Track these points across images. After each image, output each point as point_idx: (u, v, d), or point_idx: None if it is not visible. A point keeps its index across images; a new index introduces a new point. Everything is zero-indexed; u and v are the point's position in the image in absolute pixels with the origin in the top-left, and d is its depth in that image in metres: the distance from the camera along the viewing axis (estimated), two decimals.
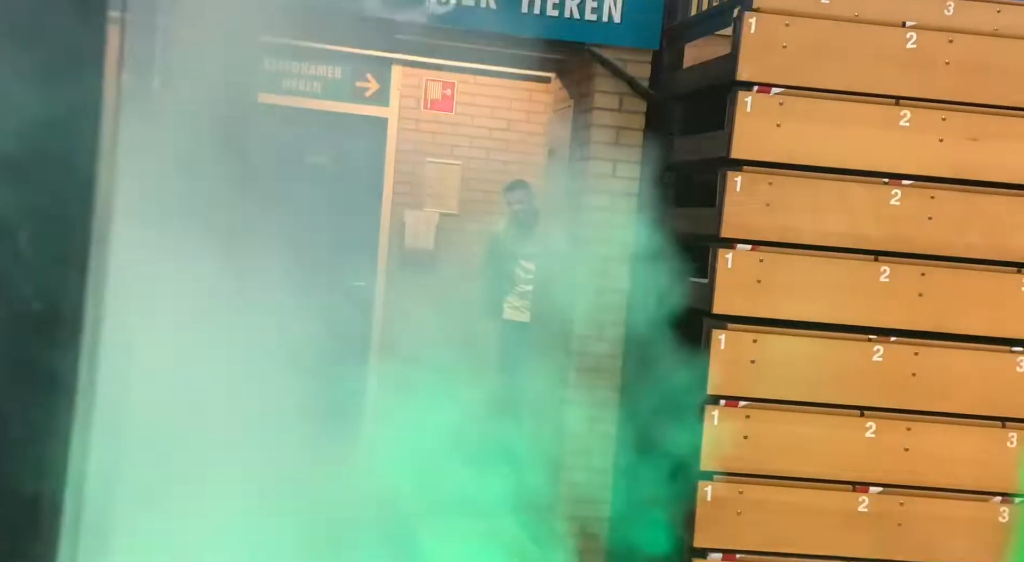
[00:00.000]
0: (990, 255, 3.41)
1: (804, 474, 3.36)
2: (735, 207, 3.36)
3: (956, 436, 3.39)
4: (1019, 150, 3.40)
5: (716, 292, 3.36)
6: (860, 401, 3.38)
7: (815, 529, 3.35)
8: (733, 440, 3.34)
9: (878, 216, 3.39)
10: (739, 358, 3.35)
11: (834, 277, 3.39)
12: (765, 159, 3.37)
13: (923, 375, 3.38)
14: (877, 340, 3.39)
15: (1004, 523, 3.40)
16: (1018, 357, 3.40)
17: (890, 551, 3.37)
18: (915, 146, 3.38)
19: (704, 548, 3.32)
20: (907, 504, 3.37)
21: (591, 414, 3.96)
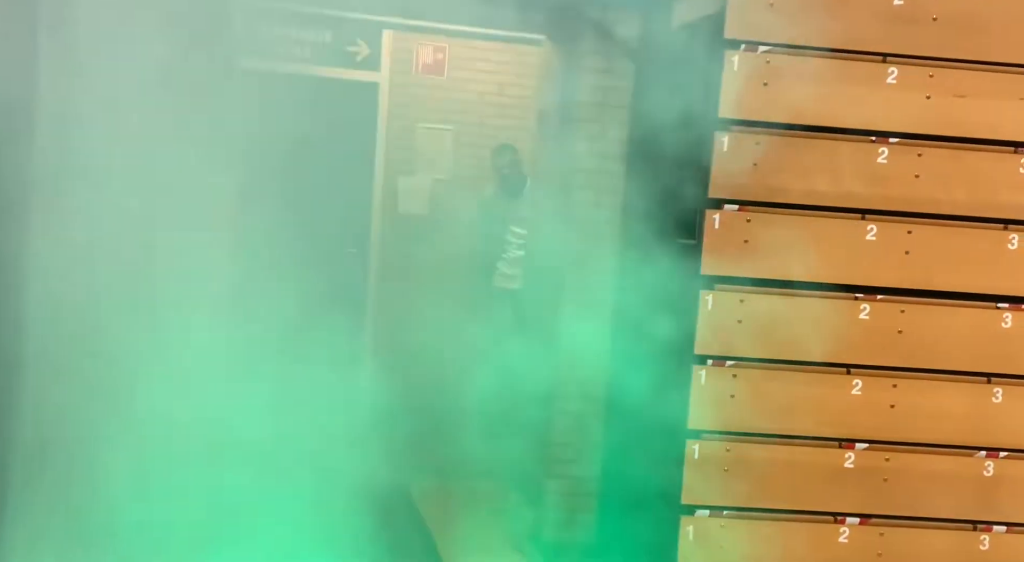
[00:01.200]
0: (977, 212, 3.41)
1: (790, 431, 3.39)
2: (722, 167, 3.36)
3: (942, 392, 3.42)
4: (1007, 107, 3.39)
5: (704, 253, 3.37)
6: (846, 359, 3.40)
7: (801, 485, 3.39)
8: (720, 399, 3.37)
9: (865, 175, 3.38)
10: (726, 318, 3.37)
11: (821, 236, 3.39)
12: (752, 118, 3.36)
13: (909, 332, 3.40)
14: (864, 298, 3.40)
15: (989, 477, 3.44)
16: (1004, 313, 3.42)
17: (876, 506, 3.41)
18: (902, 103, 3.37)
19: (691, 505, 3.36)
20: (893, 460, 3.41)
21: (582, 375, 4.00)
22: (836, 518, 3.41)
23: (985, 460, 3.44)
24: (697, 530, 3.36)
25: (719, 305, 3.37)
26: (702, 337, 3.36)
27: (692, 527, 3.36)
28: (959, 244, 3.42)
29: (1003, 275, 3.42)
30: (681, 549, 3.34)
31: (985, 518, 3.45)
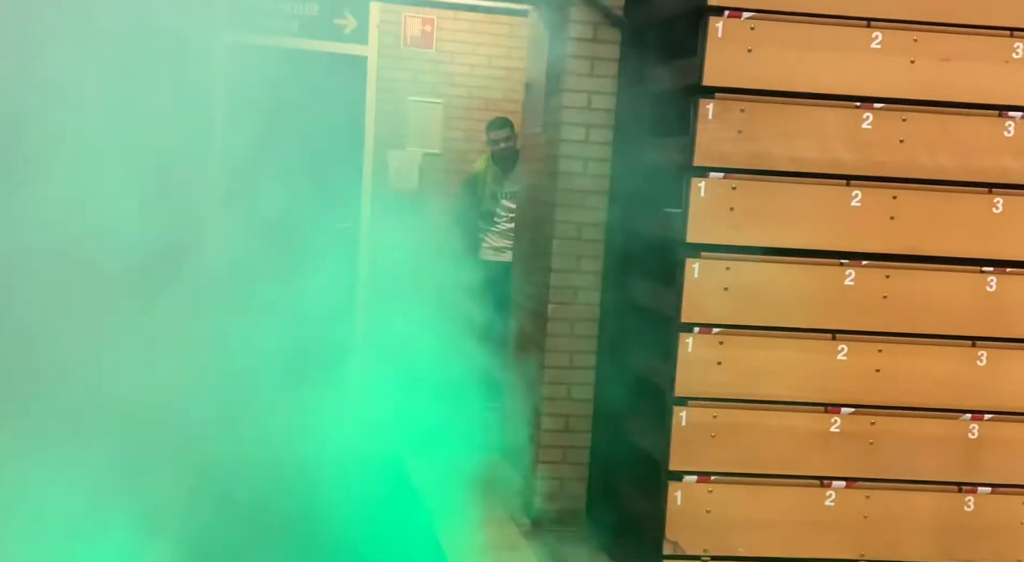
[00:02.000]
0: (961, 176, 3.42)
1: (777, 397, 3.41)
2: (707, 135, 3.36)
3: (927, 356, 3.44)
4: (990, 70, 3.38)
5: (689, 221, 3.38)
6: (832, 325, 3.42)
7: (787, 450, 3.42)
8: (707, 366, 3.39)
9: (849, 140, 3.39)
10: (712, 286, 3.38)
11: (806, 203, 3.40)
12: (737, 85, 3.35)
13: (894, 297, 3.42)
14: (849, 264, 3.42)
15: (973, 440, 3.47)
16: (988, 277, 3.43)
17: (861, 469, 3.45)
18: (886, 68, 3.36)
19: (679, 471, 3.39)
20: (878, 423, 3.44)
21: (571, 346, 4.01)
22: (822, 482, 3.45)
23: (970, 423, 3.47)
24: (685, 495, 3.39)
25: (705, 273, 3.38)
26: (688, 305, 3.38)
27: (680, 492, 3.40)
28: (944, 209, 3.43)
29: (988, 239, 3.44)
30: (669, 514, 3.38)
31: (970, 480, 3.49)
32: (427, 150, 6.19)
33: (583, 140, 3.98)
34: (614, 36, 3.96)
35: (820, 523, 3.44)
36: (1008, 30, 3.37)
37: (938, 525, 3.49)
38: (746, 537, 3.42)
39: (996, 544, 3.50)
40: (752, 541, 3.42)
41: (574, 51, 3.95)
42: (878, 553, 3.48)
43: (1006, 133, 3.40)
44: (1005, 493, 3.50)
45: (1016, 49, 3.36)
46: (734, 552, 3.42)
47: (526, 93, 4.68)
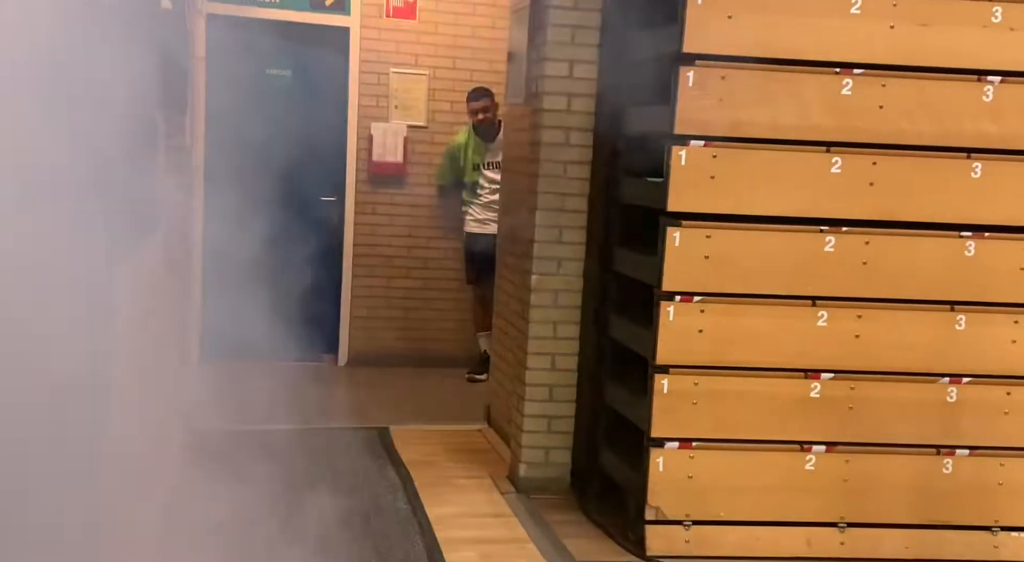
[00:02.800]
0: (940, 141, 3.43)
1: (758, 364, 3.44)
2: (688, 103, 3.36)
3: (906, 321, 3.47)
4: (969, 35, 3.38)
5: (670, 189, 3.38)
6: (812, 291, 3.44)
7: (768, 415, 3.45)
8: (688, 334, 3.41)
9: (829, 107, 3.39)
10: (693, 254, 3.39)
11: (786, 170, 3.41)
12: (717, 53, 3.34)
13: (874, 263, 3.44)
14: (829, 231, 3.43)
15: (952, 403, 3.51)
16: (967, 241, 3.45)
17: (841, 434, 3.48)
18: (866, 34, 3.36)
19: (661, 438, 3.43)
20: (857, 388, 3.47)
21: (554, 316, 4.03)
22: (803, 446, 3.49)
23: (948, 386, 3.51)
24: (667, 462, 3.43)
25: (686, 241, 3.39)
26: (669, 273, 3.39)
27: (662, 459, 3.43)
28: (923, 174, 3.44)
29: (966, 204, 3.46)
30: (651, 480, 3.41)
31: (948, 443, 3.53)
32: (412, 122, 6.16)
33: (565, 109, 3.97)
34: (595, 4, 3.94)
35: (800, 487, 3.49)
36: None
37: (917, 488, 3.54)
38: (727, 502, 3.46)
39: (974, 505, 3.55)
40: (733, 505, 3.46)
41: (555, 19, 3.93)
42: (858, 516, 3.53)
43: (985, 98, 3.40)
44: (982, 455, 3.54)
45: (995, 13, 3.36)
46: (716, 516, 3.46)
47: (508, 63, 4.66)
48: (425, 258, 6.25)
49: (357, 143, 6.10)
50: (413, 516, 3.72)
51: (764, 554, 3.46)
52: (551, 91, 3.96)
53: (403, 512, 3.75)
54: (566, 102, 3.98)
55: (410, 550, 3.40)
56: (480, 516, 3.79)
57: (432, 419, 5.09)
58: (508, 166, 4.82)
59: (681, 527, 3.44)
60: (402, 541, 3.47)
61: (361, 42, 6.04)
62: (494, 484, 4.13)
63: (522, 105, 4.36)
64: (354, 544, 3.42)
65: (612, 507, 3.79)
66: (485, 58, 6.16)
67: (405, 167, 6.13)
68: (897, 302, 3.46)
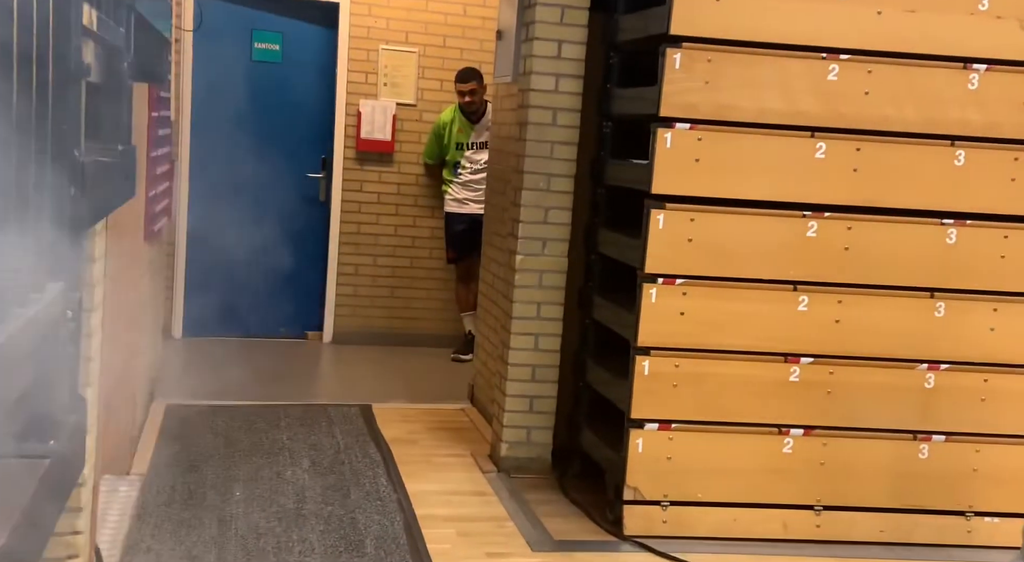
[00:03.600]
0: (925, 129, 3.43)
1: (738, 347, 3.46)
2: (674, 85, 3.35)
3: (886, 307, 3.49)
4: (956, 22, 3.38)
5: (655, 172, 3.38)
6: (794, 276, 3.45)
7: (747, 398, 3.47)
8: (670, 317, 3.42)
9: (815, 92, 3.39)
10: (677, 237, 3.40)
11: (771, 154, 3.41)
12: (704, 35, 3.34)
13: (856, 249, 3.45)
14: (812, 216, 3.44)
15: (929, 389, 3.54)
16: (948, 229, 3.47)
17: (819, 417, 3.51)
18: (853, 19, 3.35)
19: (641, 419, 3.44)
20: (836, 373, 3.49)
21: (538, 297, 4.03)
22: (781, 429, 3.51)
23: (926, 372, 3.54)
24: (646, 443, 3.45)
25: (670, 224, 3.40)
26: (653, 255, 3.40)
27: (641, 440, 3.45)
28: (907, 161, 3.45)
29: (949, 191, 3.47)
30: (630, 461, 3.44)
31: (924, 428, 3.56)
32: (401, 100, 6.13)
33: (552, 90, 3.96)
34: None
35: (778, 470, 3.51)
36: None
37: (893, 472, 3.57)
38: (705, 483, 3.49)
39: (948, 491, 3.59)
40: (711, 487, 3.49)
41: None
42: (834, 499, 3.56)
43: (970, 86, 3.41)
44: (958, 441, 3.57)
45: (981, 1, 3.35)
46: (693, 498, 3.49)
47: (497, 40, 4.64)
48: (412, 237, 6.25)
49: (345, 120, 6.08)
50: (393, 493, 3.73)
51: (740, 535, 3.49)
52: (539, 71, 3.94)
53: (383, 488, 3.77)
54: (554, 82, 3.97)
55: (388, 526, 3.42)
56: (460, 494, 3.81)
57: (415, 397, 5.10)
58: (495, 145, 4.81)
59: (659, 508, 3.47)
60: (381, 517, 3.49)
61: (351, 18, 6.00)
62: (475, 463, 4.15)
63: (510, 84, 4.35)
64: (333, 519, 3.44)
65: (591, 487, 3.81)
66: (475, 37, 6.13)
67: (393, 145, 6.11)
68: (878, 288, 3.48)
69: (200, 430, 4.34)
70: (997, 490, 3.59)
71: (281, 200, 6.15)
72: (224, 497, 3.60)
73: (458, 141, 5.82)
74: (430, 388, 5.33)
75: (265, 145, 6.06)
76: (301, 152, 6.15)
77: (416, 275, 6.21)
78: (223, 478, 3.79)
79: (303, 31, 6.07)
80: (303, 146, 6.15)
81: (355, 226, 6.20)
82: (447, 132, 5.86)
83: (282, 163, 6.11)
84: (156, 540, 3.20)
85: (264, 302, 6.17)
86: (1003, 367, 3.53)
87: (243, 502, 3.56)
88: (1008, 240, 3.48)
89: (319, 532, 3.34)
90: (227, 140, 6.00)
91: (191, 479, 3.76)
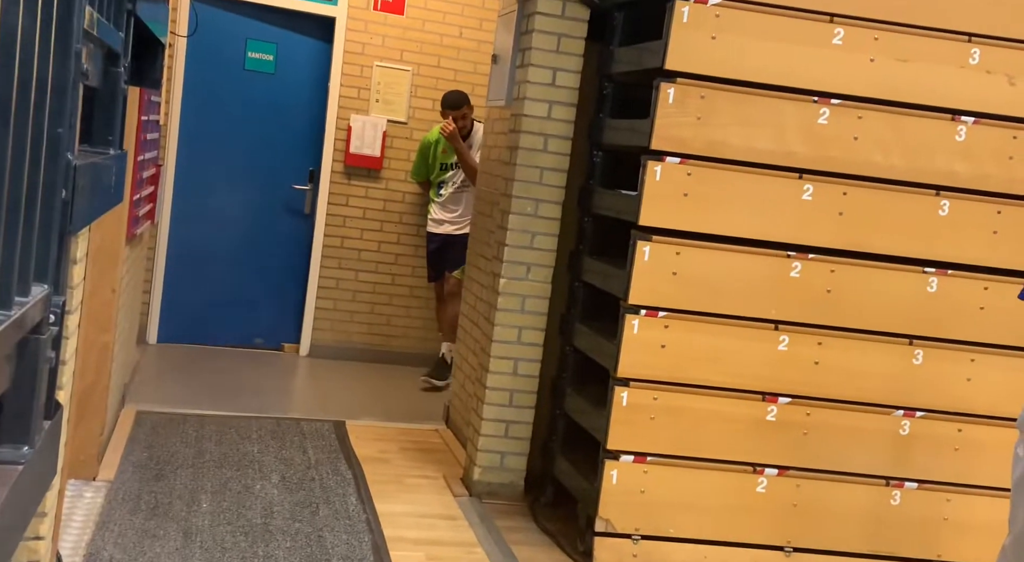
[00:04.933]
0: (911, 177, 3.47)
1: (717, 383, 3.46)
2: (666, 119, 3.37)
3: (865, 351, 3.51)
4: (946, 74, 3.43)
5: (643, 204, 3.40)
6: (775, 315, 3.47)
7: (724, 435, 3.47)
8: (651, 349, 3.42)
9: (805, 134, 3.42)
10: (662, 270, 3.41)
11: (759, 193, 3.43)
12: (699, 72, 3.36)
13: (837, 292, 3.48)
14: (796, 256, 3.46)
15: (904, 436, 3.55)
16: (929, 277, 3.50)
17: (793, 458, 3.51)
18: (846, 65, 3.40)
19: (617, 450, 3.43)
20: (813, 414, 3.50)
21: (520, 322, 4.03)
22: (755, 468, 3.51)
23: (902, 419, 3.55)
24: (621, 475, 3.43)
25: (655, 256, 3.41)
26: (637, 287, 3.40)
27: (616, 471, 3.44)
28: (892, 208, 3.48)
29: (932, 240, 3.50)
30: (604, 492, 3.42)
31: (897, 475, 3.58)
32: (392, 117, 6.14)
33: (545, 117, 3.98)
34: (582, 14, 3.95)
35: (750, 509, 3.51)
36: (966, 35, 3.42)
37: (864, 517, 3.57)
38: (677, 519, 3.47)
39: (919, 538, 3.60)
40: (683, 523, 3.48)
41: (541, 26, 3.93)
42: (804, 541, 3.56)
43: (957, 137, 3.46)
44: (930, 489, 3.59)
45: (972, 54, 3.41)
46: (665, 533, 3.47)
47: (492, 64, 4.66)
48: (395, 254, 6.23)
49: (335, 133, 6.07)
50: (363, 512, 3.69)
51: None
52: (532, 97, 3.96)
53: (353, 507, 3.73)
54: (547, 109, 3.98)
55: (356, 546, 3.38)
56: (430, 517, 3.78)
57: (390, 416, 5.07)
58: (484, 168, 4.82)
59: (630, 541, 3.45)
60: (349, 536, 3.45)
61: (347, 33, 6.02)
62: (447, 485, 4.12)
63: (503, 108, 4.36)
64: (300, 536, 3.39)
65: (563, 516, 3.79)
66: (470, 59, 6.16)
67: (382, 161, 6.11)
68: (858, 332, 3.50)
69: (170, 438, 4.28)
70: (966, 539, 3.60)
71: (266, 210, 6.12)
72: (190, 508, 3.54)
73: (442, 161, 5.77)
74: (405, 407, 5.29)
75: (253, 154, 6.04)
76: (289, 163, 6.13)
77: (397, 292, 6.19)
78: (190, 488, 3.73)
79: (298, 43, 6.07)
80: (291, 157, 6.14)
81: (339, 240, 6.17)
82: (431, 152, 5.81)
83: (269, 173, 6.09)
84: (119, 549, 3.14)
85: (242, 312, 6.13)
86: (978, 418, 3.56)
87: (209, 514, 3.51)
88: (988, 292, 3.51)
89: (285, 549, 3.29)
90: (215, 147, 5.97)
91: (158, 488, 3.70)
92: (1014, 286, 3.48)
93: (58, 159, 1.27)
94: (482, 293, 4.37)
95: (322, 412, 5.03)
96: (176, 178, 5.91)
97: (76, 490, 3.51)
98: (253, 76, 6.01)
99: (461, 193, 5.67)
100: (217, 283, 6.07)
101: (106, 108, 1.88)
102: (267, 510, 3.61)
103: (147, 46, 2.81)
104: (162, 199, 5.67)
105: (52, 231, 1.29)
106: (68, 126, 1.30)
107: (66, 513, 3.23)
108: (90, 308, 3.42)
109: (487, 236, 4.49)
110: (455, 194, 5.69)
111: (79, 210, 1.44)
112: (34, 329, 1.25)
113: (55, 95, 1.22)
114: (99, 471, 3.73)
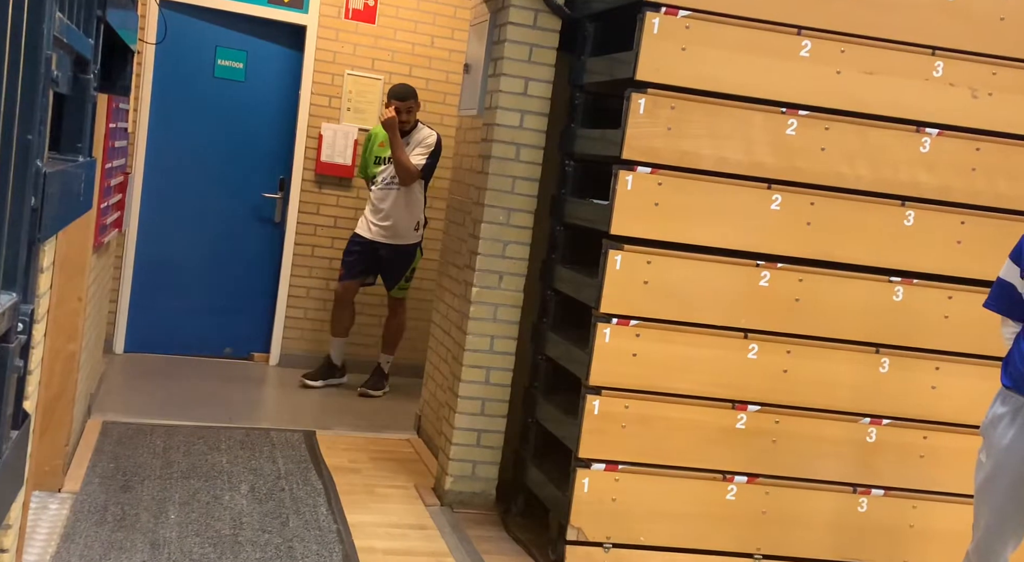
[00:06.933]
0: (877, 188, 3.53)
1: (687, 391, 3.48)
2: (637, 129, 3.40)
3: (832, 360, 3.55)
4: (911, 87, 3.50)
5: (615, 213, 3.42)
6: (744, 324, 3.50)
7: (694, 443, 3.49)
8: (623, 357, 3.44)
9: (774, 145, 3.46)
10: (633, 279, 3.43)
11: (728, 203, 3.47)
12: (669, 82, 3.40)
13: (806, 301, 3.52)
14: (765, 266, 3.50)
15: (871, 443, 3.60)
16: (896, 286, 3.55)
17: (763, 466, 3.54)
18: (813, 77, 3.45)
19: (588, 459, 3.44)
20: (782, 422, 3.54)
21: (492, 330, 4.03)
22: (725, 476, 3.54)
23: (868, 426, 3.60)
24: (592, 483, 3.44)
25: (627, 265, 3.43)
26: (608, 296, 3.42)
27: (588, 480, 3.45)
28: (858, 218, 3.53)
29: (898, 250, 3.56)
30: (575, 501, 3.43)
31: (864, 482, 3.62)
32: (363, 126, 6.12)
33: (517, 126, 3.99)
34: (554, 24, 3.98)
35: (720, 516, 3.53)
36: (930, 49, 3.48)
37: (832, 524, 3.61)
38: (648, 527, 3.49)
39: (885, 545, 3.64)
40: (654, 531, 3.49)
41: (513, 36, 3.95)
42: (773, 548, 3.58)
43: (922, 148, 3.52)
44: (896, 496, 3.63)
45: (936, 67, 3.48)
46: (636, 541, 3.49)
47: (464, 74, 4.67)
48: None
49: (306, 142, 6.05)
50: (333, 523, 3.67)
51: None
52: (504, 106, 3.97)
53: (323, 518, 3.70)
54: (519, 118, 4.00)
55: (327, 557, 3.35)
56: (401, 527, 3.76)
57: (360, 426, 5.04)
58: (456, 176, 4.82)
59: (601, 549, 3.45)
60: (319, 547, 3.42)
61: (318, 41, 6.00)
62: (418, 495, 4.10)
63: (475, 117, 4.37)
64: (270, 547, 3.36)
65: (535, 525, 3.79)
66: (442, 69, 6.16)
67: (353, 170, 6.09)
68: (825, 340, 3.54)
69: (137, 449, 4.23)
70: (931, 546, 3.65)
71: (235, 218, 6.07)
72: (158, 520, 3.50)
73: (377, 155, 5.62)
74: (376, 417, 5.27)
75: (222, 162, 6.00)
76: (259, 172, 6.09)
77: (367, 301, 6.15)
78: (158, 500, 3.69)
79: (268, 51, 6.05)
80: (261, 165, 6.10)
81: (309, 249, 6.14)
82: (372, 145, 5.67)
83: (239, 181, 6.05)
84: (84, 561, 3.09)
85: (211, 321, 6.07)
86: (943, 425, 3.61)
87: (177, 526, 3.47)
88: (952, 301, 3.57)
89: (255, 560, 3.26)
90: (184, 155, 5.92)
91: (124, 499, 3.65)
92: (978, 295, 3.53)
93: (28, 166, 1.26)
94: (454, 302, 4.37)
95: (292, 422, 4.99)
96: (144, 186, 5.85)
97: (41, 502, 3.45)
98: (223, 84, 5.97)
99: (389, 190, 5.48)
100: (185, 292, 6.01)
101: (75, 115, 1.86)
102: (236, 521, 3.57)
103: (116, 53, 2.79)
104: (130, 207, 5.61)
105: (21, 239, 1.28)
106: (38, 133, 1.29)
107: (30, 525, 3.18)
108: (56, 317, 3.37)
109: (459, 245, 4.49)
110: (383, 190, 5.50)
111: (48, 218, 1.42)
112: (2, 338, 1.23)
113: (25, 101, 1.21)
114: (64, 482, 3.67)
